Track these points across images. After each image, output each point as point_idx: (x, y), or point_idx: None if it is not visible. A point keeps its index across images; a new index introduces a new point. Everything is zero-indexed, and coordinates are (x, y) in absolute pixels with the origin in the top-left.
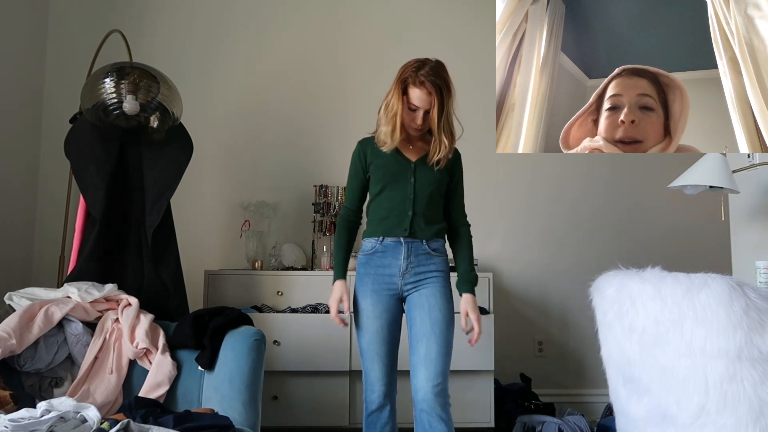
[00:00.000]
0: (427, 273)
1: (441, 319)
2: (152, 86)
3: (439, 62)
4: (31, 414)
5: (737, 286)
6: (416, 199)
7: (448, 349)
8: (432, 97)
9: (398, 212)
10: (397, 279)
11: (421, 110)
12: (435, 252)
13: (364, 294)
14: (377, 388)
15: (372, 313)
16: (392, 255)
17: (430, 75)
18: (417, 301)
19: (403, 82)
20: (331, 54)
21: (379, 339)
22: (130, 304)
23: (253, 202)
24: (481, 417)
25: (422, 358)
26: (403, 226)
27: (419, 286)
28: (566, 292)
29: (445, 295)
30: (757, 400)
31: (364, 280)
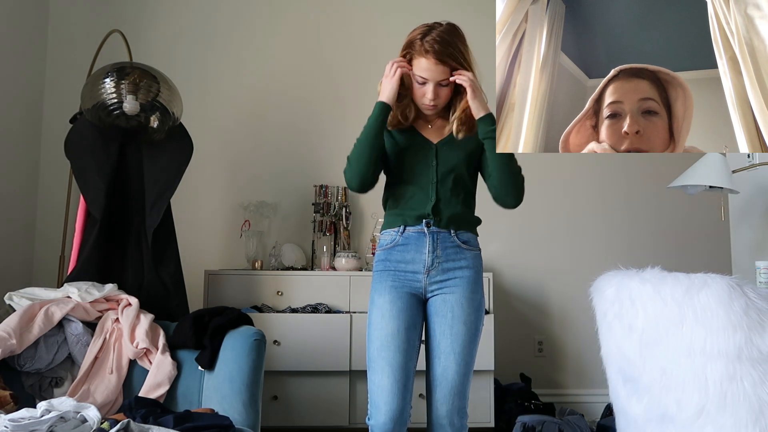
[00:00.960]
0: (456, 271)
1: (464, 334)
2: (152, 86)
3: (450, 26)
4: (31, 414)
5: (737, 286)
6: (440, 183)
7: (468, 368)
8: (441, 66)
9: (419, 198)
10: (421, 276)
11: (431, 83)
12: (465, 245)
13: (381, 292)
14: (385, 409)
15: (389, 312)
16: (415, 248)
17: (437, 42)
18: (440, 308)
19: (407, 52)
20: (330, 54)
21: (393, 345)
22: (130, 304)
23: (253, 202)
24: (481, 417)
25: (438, 377)
26: (425, 212)
27: (445, 288)
28: (566, 292)
29: (473, 302)
30: (757, 400)
31: (382, 276)
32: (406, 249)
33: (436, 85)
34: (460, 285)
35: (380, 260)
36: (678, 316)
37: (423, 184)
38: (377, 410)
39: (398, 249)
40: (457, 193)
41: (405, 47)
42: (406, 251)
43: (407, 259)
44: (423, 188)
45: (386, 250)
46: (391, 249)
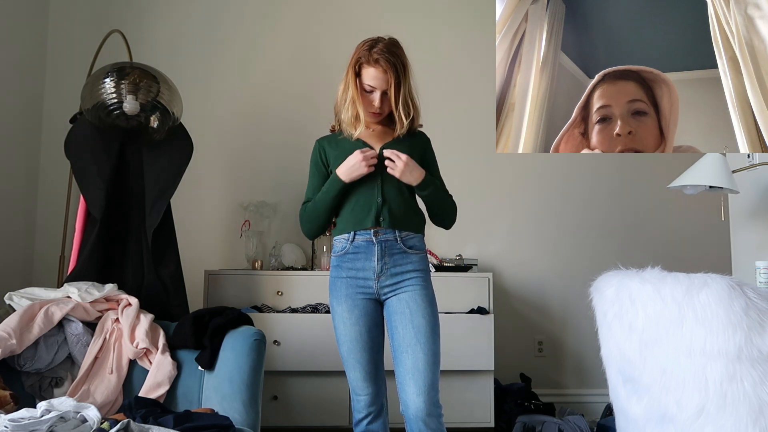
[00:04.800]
0: (405, 273)
1: (425, 326)
2: (152, 86)
3: (393, 39)
4: (31, 414)
5: (737, 286)
6: (384, 185)
7: (436, 357)
8: (388, 75)
9: (366, 201)
10: (372, 282)
11: (378, 91)
12: (411, 250)
13: (338, 299)
14: (363, 397)
15: (348, 320)
16: (365, 257)
17: (384, 52)
18: (397, 306)
19: (357, 63)
20: (331, 53)
21: (359, 347)
22: (130, 304)
23: (253, 202)
24: (481, 417)
25: (409, 370)
26: (372, 215)
27: (397, 289)
28: (566, 292)
29: (426, 297)
30: (756, 400)
31: (337, 285)
32: (356, 257)
33: (382, 93)
34: (412, 285)
35: (334, 266)
36: (678, 316)
37: (369, 186)
38: (357, 396)
39: (349, 257)
40: (401, 195)
41: (352, 61)
42: (356, 259)
43: (357, 267)
44: (370, 189)
45: (338, 256)
46: (342, 257)
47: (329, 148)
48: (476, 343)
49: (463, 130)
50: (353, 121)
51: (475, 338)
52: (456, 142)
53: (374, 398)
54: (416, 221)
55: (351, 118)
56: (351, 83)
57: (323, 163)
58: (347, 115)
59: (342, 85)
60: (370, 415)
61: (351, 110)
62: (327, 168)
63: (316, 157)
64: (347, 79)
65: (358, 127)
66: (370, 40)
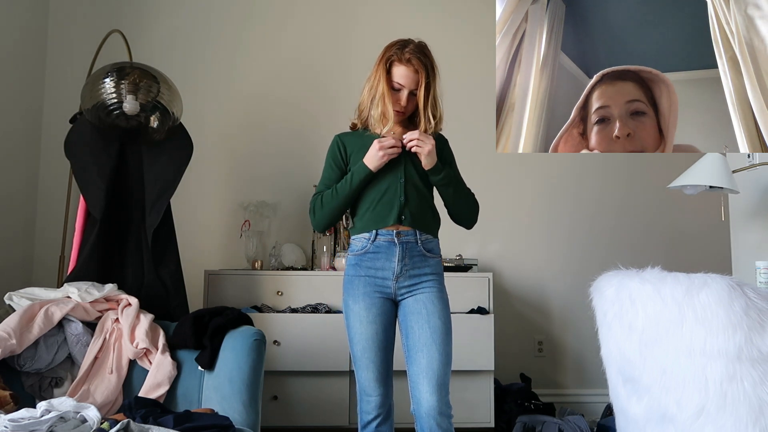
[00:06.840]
0: (422, 276)
1: (441, 327)
2: (152, 86)
3: (423, 42)
4: (31, 414)
5: (737, 286)
6: (407, 183)
7: (449, 359)
8: (419, 74)
9: (389, 199)
10: (390, 282)
11: (406, 90)
12: (430, 253)
13: (355, 298)
14: (374, 398)
15: (366, 318)
16: (385, 257)
17: (415, 52)
18: (413, 307)
19: (388, 61)
20: (330, 53)
21: (374, 346)
22: (130, 304)
23: (253, 202)
24: (481, 417)
25: (424, 368)
26: (395, 212)
27: (414, 290)
28: (566, 292)
29: (442, 300)
30: (756, 400)
31: (354, 283)
32: (377, 257)
33: (410, 92)
34: (429, 287)
35: (351, 265)
36: (678, 316)
37: (391, 183)
38: (368, 397)
39: (369, 256)
40: (422, 194)
41: (383, 59)
42: (376, 259)
43: (377, 266)
44: (392, 187)
45: (358, 255)
46: (362, 255)
47: (350, 144)
48: (476, 343)
49: (463, 129)
50: (382, 117)
51: (475, 338)
52: (456, 141)
53: (384, 399)
54: (434, 224)
55: (380, 114)
56: (382, 79)
57: (342, 158)
58: (377, 111)
59: (370, 83)
60: (379, 417)
61: (380, 107)
62: (345, 163)
63: (334, 151)
64: (377, 75)
65: (386, 125)
66: (401, 41)
